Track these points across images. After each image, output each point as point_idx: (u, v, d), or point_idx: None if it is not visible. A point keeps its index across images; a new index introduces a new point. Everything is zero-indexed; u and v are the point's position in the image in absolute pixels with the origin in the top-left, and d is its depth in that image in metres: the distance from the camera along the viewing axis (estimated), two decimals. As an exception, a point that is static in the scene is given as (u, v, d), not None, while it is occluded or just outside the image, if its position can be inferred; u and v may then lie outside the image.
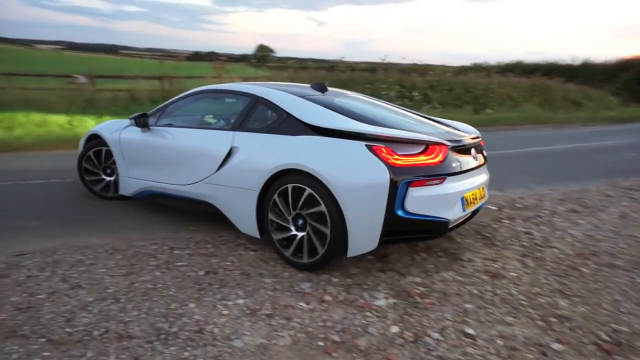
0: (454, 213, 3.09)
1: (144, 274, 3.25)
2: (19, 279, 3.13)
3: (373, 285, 3.15)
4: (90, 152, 4.83)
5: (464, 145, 3.30)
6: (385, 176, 2.79)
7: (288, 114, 3.38)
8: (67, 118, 9.58)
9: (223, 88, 4.37)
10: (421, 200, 2.89)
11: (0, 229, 4.12)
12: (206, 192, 3.77)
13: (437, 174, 2.96)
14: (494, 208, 5.09)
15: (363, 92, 14.69)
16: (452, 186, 3.06)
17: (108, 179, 4.90)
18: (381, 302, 2.92)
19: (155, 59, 17.12)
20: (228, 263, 3.46)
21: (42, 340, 2.42)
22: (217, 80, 12.03)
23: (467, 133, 3.67)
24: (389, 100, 13.53)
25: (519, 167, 7.52)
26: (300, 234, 3.19)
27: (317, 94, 3.80)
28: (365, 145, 2.91)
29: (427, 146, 2.99)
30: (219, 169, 3.63)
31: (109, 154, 4.73)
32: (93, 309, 2.73)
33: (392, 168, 2.81)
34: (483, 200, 3.63)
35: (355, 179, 2.86)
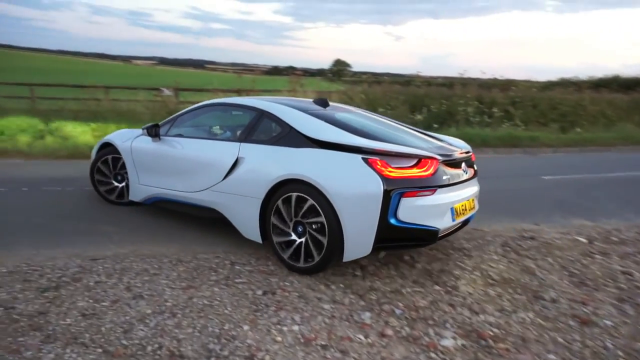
0: (443, 222, 3.23)
1: (203, 289, 3.23)
2: (89, 284, 3.25)
3: (440, 322, 2.87)
4: (102, 160, 5.07)
5: (454, 159, 3.47)
6: (379, 187, 2.97)
7: (291, 127, 3.59)
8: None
9: (231, 102, 4.52)
10: (413, 210, 3.06)
11: (83, 232, 4.37)
12: (212, 199, 3.97)
13: (428, 186, 3.12)
14: (583, 240, 4.53)
15: (439, 107, 14.41)
16: (443, 197, 3.22)
17: (119, 185, 5.13)
18: (448, 343, 2.63)
19: (237, 73, 17.79)
20: (287, 283, 3.35)
21: (99, 350, 2.44)
22: (292, 94, 12.26)
23: (459, 148, 3.80)
24: (466, 116, 12.93)
25: (614, 194, 6.72)
26: (298, 240, 3.37)
27: (319, 109, 3.99)
28: (362, 158, 3.10)
29: (420, 160, 3.16)
30: (225, 177, 3.82)
31: (118, 160, 4.97)
32: (150, 322, 2.73)
33: (386, 180, 3.00)
34: (473, 212, 3.74)
35: (352, 189, 3.05)
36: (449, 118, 13.19)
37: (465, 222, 3.71)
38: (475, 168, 3.93)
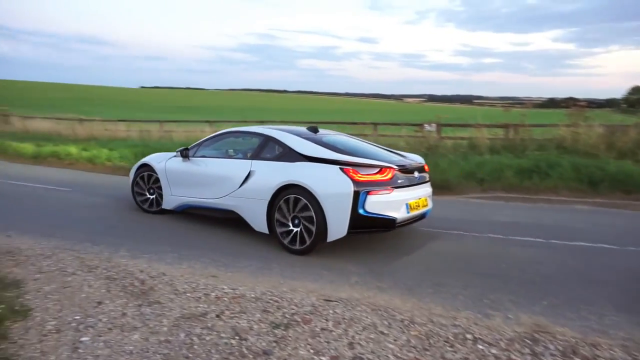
0: (400, 213, 4.52)
1: (432, 368, 2.59)
2: (316, 329, 3.06)
3: None
4: (139, 177, 6.41)
5: (408, 168, 4.82)
6: (350, 188, 4.27)
7: (290, 148, 4.91)
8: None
9: (243, 130, 5.89)
10: (376, 204, 4.33)
11: (327, 266, 4.37)
12: (231, 203, 5.23)
13: (387, 186, 4.44)
14: None
15: None
16: (398, 195, 4.53)
17: (151, 197, 6.37)
18: None
19: (504, 107, 16.36)
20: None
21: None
22: (572, 129, 10.26)
23: (414, 161, 5.15)
24: None
25: None
26: (295, 229, 4.59)
27: (310, 134, 5.24)
28: (339, 167, 4.42)
29: (381, 168, 4.49)
30: (240, 186, 5.11)
31: (151, 177, 6.27)
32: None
33: (356, 183, 4.30)
34: (427, 208, 5.03)
35: (332, 190, 4.34)
36: None
37: (422, 217, 5.01)
38: (428, 175, 5.25)
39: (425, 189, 5.09)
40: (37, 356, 2.66)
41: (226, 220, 5.59)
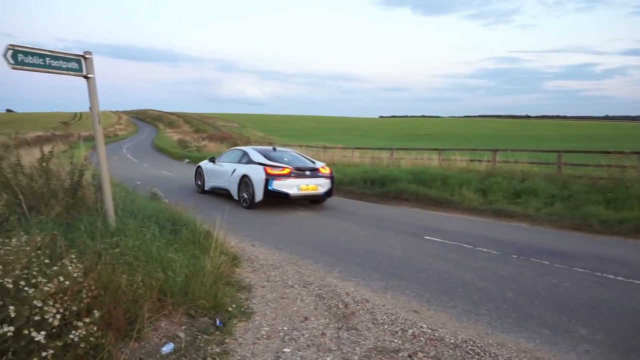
0: (293, 191, 9.07)
1: None
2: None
3: None
4: (196, 172, 12.05)
5: (301, 168, 9.36)
6: (264, 176, 8.96)
7: (250, 157, 9.88)
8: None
9: (238, 148, 11.65)
10: (278, 185, 8.93)
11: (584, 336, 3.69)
12: (226, 185, 10.27)
13: (285, 176, 9.02)
14: None
15: None
16: (293, 181, 9.09)
17: (200, 182, 11.70)
18: None
19: None
20: None
21: None
22: None
23: (310, 166, 9.68)
24: None
25: None
26: (246, 196, 9.42)
27: (267, 151, 10.31)
28: (262, 167, 9.12)
29: (283, 168, 9.12)
30: (230, 176, 10.06)
31: (201, 173, 11.74)
32: None
33: (267, 174, 8.96)
34: (316, 191, 9.42)
35: (257, 177, 9.07)
36: None
37: (318, 197, 9.72)
38: (323, 171, 9.71)
39: (316, 180, 9.48)
40: (248, 356, 3.02)
41: (450, 256, 5.35)
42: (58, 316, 2.42)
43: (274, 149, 10.66)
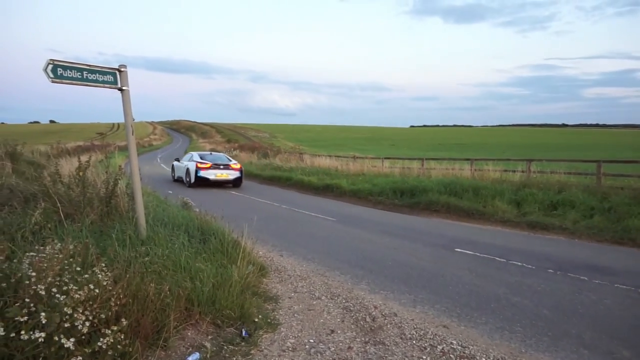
0: (212, 177, 16.05)
1: None
2: None
3: None
4: (171, 168, 19.76)
5: (218, 164, 16.53)
6: (195, 167, 16.06)
7: (192, 157, 17.69)
8: None
9: (190, 152, 21.49)
10: (203, 173, 15.94)
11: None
12: (181, 175, 17.44)
13: (207, 168, 16.12)
14: None
15: None
16: (211, 171, 16.09)
17: (175, 175, 18.73)
18: None
19: None
20: None
21: None
22: None
23: (230, 161, 17.46)
24: None
25: None
26: (187, 179, 16.63)
27: (206, 153, 18.90)
28: (195, 163, 16.34)
29: (206, 163, 16.29)
30: (185, 169, 17.05)
31: (173, 168, 19.07)
32: None
33: (197, 167, 16.06)
34: (227, 177, 16.33)
35: (192, 168, 16.17)
36: None
37: (230, 182, 16.57)
38: (234, 167, 16.85)
39: (227, 171, 16.22)
40: (273, 369, 2.99)
41: (481, 270, 5.19)
42: (87, 323, 2.47)
43: (210, 153, 19.65)
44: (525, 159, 14.02)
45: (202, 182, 15.92)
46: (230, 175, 16.38)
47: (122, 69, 4.70)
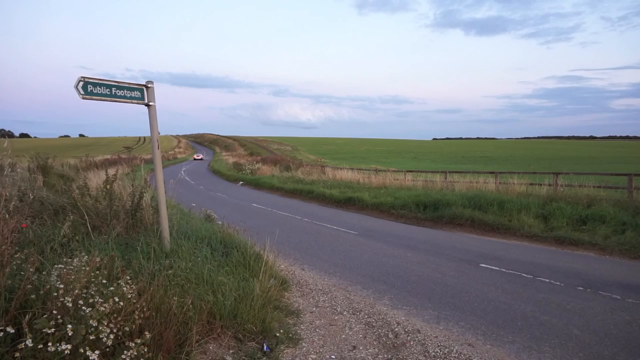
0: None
1: None
2: None
3: None
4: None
5: (199, 158, 62.29)
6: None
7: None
8: None
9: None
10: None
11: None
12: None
13: (197, 160, 60.06)
14: None
15: None
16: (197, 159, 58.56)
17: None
18: None
19: None
20: None
21: None
22: None
23: (201, 158, 63.07)
24: None
25: None
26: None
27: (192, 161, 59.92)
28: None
29: (199, 157, 63.20)
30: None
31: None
32: None
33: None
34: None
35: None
36: None
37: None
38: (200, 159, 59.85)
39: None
40: (295, 386, 2.96)
41: (507, 286, 5.06)
42: (112, 336, 2.50)
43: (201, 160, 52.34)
44: (552, 172, 13.70)
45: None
46: (198, 159, 29.11)
47: (149, 85, 4.82)
